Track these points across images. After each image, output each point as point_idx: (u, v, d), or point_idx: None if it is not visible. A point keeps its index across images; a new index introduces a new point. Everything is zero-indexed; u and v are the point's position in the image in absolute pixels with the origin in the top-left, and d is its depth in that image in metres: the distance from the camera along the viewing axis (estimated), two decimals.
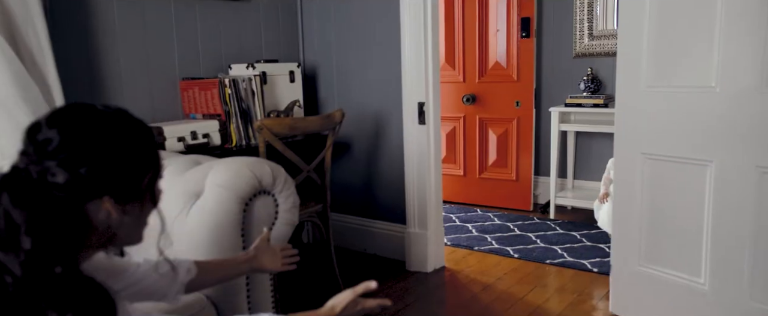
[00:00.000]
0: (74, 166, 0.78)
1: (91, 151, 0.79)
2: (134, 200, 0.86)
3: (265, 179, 1.63)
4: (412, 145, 2.81)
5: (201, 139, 2.38)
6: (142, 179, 0.86)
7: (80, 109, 0.83)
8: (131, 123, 0.87)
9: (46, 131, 0.78)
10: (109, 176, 0.81)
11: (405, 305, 2.50)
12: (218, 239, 1.54)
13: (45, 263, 0.73)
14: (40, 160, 0.77)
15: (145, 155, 0.87)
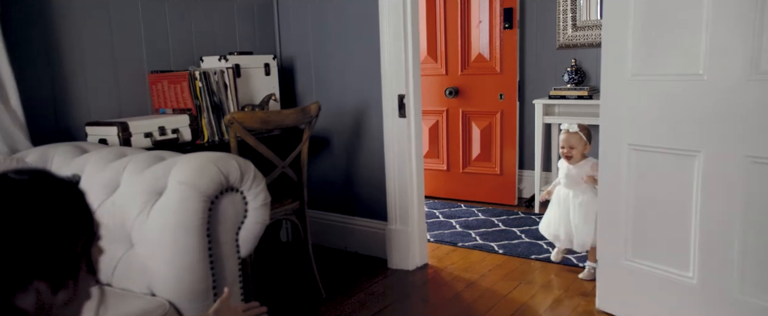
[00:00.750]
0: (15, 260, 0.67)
1: (8, 235, 0.68)
2: (69, 276, 0.73)
3: (233, 175, 1.53)
4: (393, 139, 2.72)
5: (170, 135, 2.27)
6: (74, 250, 0.74)
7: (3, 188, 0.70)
8: (51, 189, 0.73)
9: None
10: (34, 258, 0.69)
11: (386, 304, 2.42)
12: (182, 241, 1.44)
13: None
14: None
15: (72, 224, 0.74)
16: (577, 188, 2.58)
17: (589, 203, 2.55)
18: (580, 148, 2.57)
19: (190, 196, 1.44)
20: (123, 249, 1.54)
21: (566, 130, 2.60)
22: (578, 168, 2.57)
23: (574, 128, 2.57)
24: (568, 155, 2.56)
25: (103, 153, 1.77)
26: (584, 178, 2.53)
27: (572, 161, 2.57)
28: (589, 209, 2.53)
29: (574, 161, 2.57)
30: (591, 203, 2.53)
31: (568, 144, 2.57)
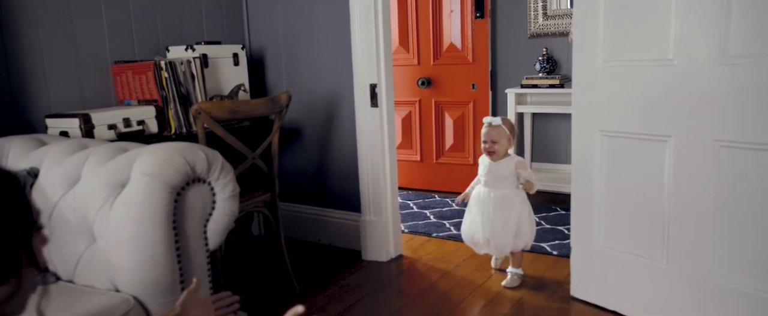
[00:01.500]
0: None
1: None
2: (9, 270, 0.69)
3: (199, 166, 1.47)
4: (365, 129, 2.68)
5: (135, 127, 2.19)
6: (12, 242, 0.69)
7: None
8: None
9: None
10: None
11: (361, 295, 2.39)
12: (147, 234, 1.38)
13: None
14: None
15: (7, 216, 0.69)
16: (497, 187, 2.37)
17: (509, 203, 2.35)
18: (503, 144, 2.34)
19: (155, 187, 1.39)
20: (85, 244, 1.47)
21: (489, 123, 2.36)
22: (500, 165, 2.36)
23: (497, 122, 2.34)
24: (491, 151, 2.34)
25: (63, 145, 1.69)
26: (522, 184, 2.35)
27: (495, 158, 2.36)
28: (510, 210, 2.34)
29: (496, 157, 2.36)
30: (512, 204, 2.35)
31: (490, 138, 2.34)
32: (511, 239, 2.36)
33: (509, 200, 2.36)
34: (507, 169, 2.36)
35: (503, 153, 2.36)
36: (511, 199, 2.36)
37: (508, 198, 2.36)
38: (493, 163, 2.37)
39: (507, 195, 2.36)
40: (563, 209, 3.42)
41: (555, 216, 3.33)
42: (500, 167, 2.36)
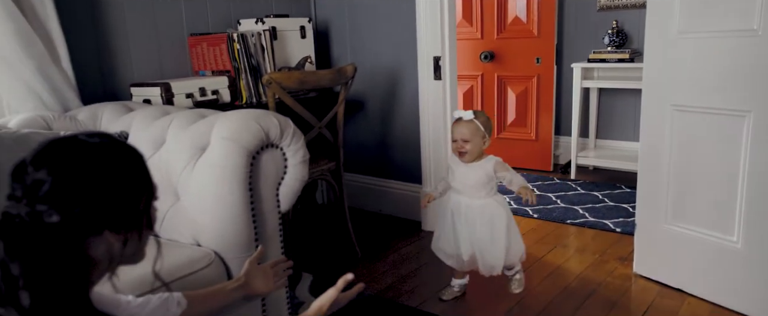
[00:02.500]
0: (69, 207, 0.73)
1: (84, 189, 0.74)
2: (132, 228, 0.81)
3: (273, 132, 1.55)
4: (428, 101, 2.71)
5: (210, 96, 2.31)
6: (138, 205, 0.82)
7: (66, 145, 0.77)
8: (118, 150, 0.81)
9: (33, 173, 0.73)
10: (105, 210, 0.77)
11: (420, 264, 2.45)
12: (226, 194, 1.48)
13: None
14: (32, 204, 0.72)
15: (137, 181, 0.82)
16: (476, 196, 1.98)
17: (496, 214, 1.97)
18: (477, 143, 1.95)
19: (233, 151, 1.48)
20: (170, 201, 1.59)
21: (458, 117, 1.98)
22: (475, 169, 1.97)
23: (468, 116, 1.94)
24: (462, 151, 1.96)
25: (148, 111, 1.82)
26: (518, 190, 1.92)
27: (467, 159, 1.97)
28: (498, 224, 1.97)
29: (469, 159, 1.96)
30: (499, 215, 1.97)
31: (461, 136, 1.95)
32: (502, 256, 1.99)
33: (496, 212, 1.98)
34: (484, 173, 1.96)
35: (476, 153, 1.97)
36: (497, 209, 1.98)
37: (494, 209, 1.98)
38: (467, 166, 1.98)
39: (491, 205, 1.98)
40: (628, 187, 3.34)
41: (619, 194, 3.26)
42: (475, 171, 1.97)
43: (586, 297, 2.11)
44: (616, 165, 3.58)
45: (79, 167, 0.75)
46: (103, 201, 0.76)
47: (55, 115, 1.82)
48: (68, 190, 0.73)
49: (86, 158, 0.76)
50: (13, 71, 1.85)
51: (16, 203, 0.72)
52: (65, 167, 0.74)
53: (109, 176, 0.77)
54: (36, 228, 0.71)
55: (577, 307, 2.04)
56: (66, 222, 0.72)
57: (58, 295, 0.70)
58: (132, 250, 0.83)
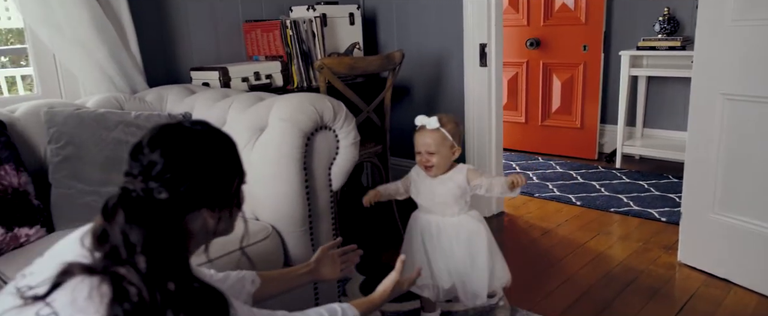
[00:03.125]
0: (176, 186, 0.84)
1: (189, 171, 0.85)
2: (225, 206, 0.93)
3: (327, 114, 1.64)
4: (473, 88, 2.75)
5: (264, 80, 2.42)
6: (231, 187, 0.93)
7: (176, 132, 0.88)
8: (218, 137, 0.92)
9: (148, 154, 0.84)
10: (204, 190, 0.88)
11: None
12: (282, 172, 1.58)
13: (159, 280, 0.79)
14: (146, 181, 0.83)
15: (231, 166, 0.93)
16: (447, 213, 1.70)
17: (474, 232, 1.70)
18: (444, 154, 1.66)
19: (290, 131, 1.57)
20: None
21: (421, 126, 1.68)
22: (444, 182, 1.69)
23: (433, 124, 1.65)
24: (428, 165, 1.68)
25: (209, 94, 1.94)
26: (507, 182, 1.61)
27: (434, 173, 1.68)
28: (477, 242, 1.70)
29: (436, 172, 1.68)
30: (477, 233, 1.70)
31: (425, 148, 1.67)
32: (486, 280, 1.70)
33: (474, 229, 1.70)
34: (456, 186, 1.68)
35: (445, 166, 1.69)
36: (474, 226, 1.71)
37: (471, 226, 1.70)
38: (434, 180, 1.70)
39: (467, 222, 1.70)
40: (675, 177, 3.30)
41: (666, 184, 3.23)
42: (444, 185, 1.68)
43: (627, 284, 2.13)
44: (664, 155, 3.53)
45: (186, 152, 0.86)
46: (203, 183, 0.87)
47: (125, 96, 1.96)
48: (176, 171, 0.84)
49: (192, 144, 0.87)
50: (88, 56, 1.99)
51: (133, 179, 0.84)
52: (175, 151, 0.85)
53: (210, 161, 0.88)
54: (148, 202, 0.82)
55: (618, 292, 2.07)
56: (172, 199, 0.83)
57: (166, 260, 0.80)
58: (224, 226, 0.94)
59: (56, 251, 0.88)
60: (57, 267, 0.79)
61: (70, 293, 0.77)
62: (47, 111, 1.69)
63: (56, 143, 1.63)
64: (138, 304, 0.76)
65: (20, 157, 1.56)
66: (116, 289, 0.76)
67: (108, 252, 0.79)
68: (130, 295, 0.76)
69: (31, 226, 1.49)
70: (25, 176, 1.54)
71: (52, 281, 0.78)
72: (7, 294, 0.83)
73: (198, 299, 0.82)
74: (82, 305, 0.76)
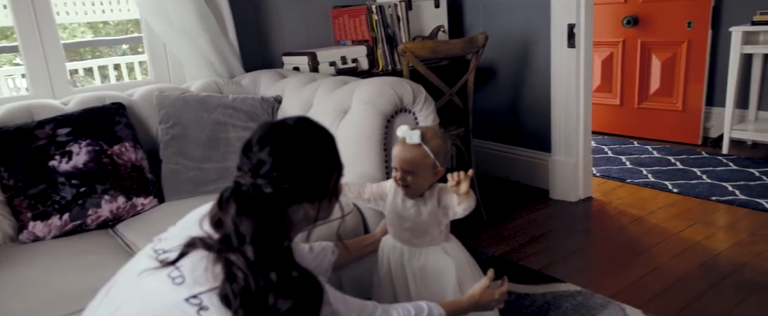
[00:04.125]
0: (280, 182, 0.94)
1: (293, 169, 0.94)
2: (324, 198, 1.01)
3: (406, 98, 1.69)
4: (560, 69, 2.67)
5: (350, 64, 2.52)
6: (330, 181, 1.01)
7: (281, 130, 0.97)
8: (318, 135, 1.00)
9: (257, 152, 0.94)
10: (306, 185, 0.97)
11: (545, 230, 2.48)
12: (363, 152, 1.66)
13: (264, 269, 0.88)
14: (255, 177, 0.93)
15: (331, 162, 1.01)
16: (418, 243, 1.42)
17: (442, 269, 1.41)
18: (425, 175, 1.36)
19: (371, 114, 1.65)
20: None
21: (402, 138, 1.36)
22: (422, 210, 1.39)
23: (415, 139, 1.33)
24: (405, 184, 1.35)
25: (298, 78, 2.06)
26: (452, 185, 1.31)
27: (410, 195, 1.38)
28: (445, 281, 1.41)
29: (412, 195, 1.38)
30: (444, 270, 1.41)
31: (402, 164, 1.34)
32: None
33: (443, 265, 1.42)
34: (427, 213, 1.39)
35: (423, 189, 1.38)
36: (443, 262, 1.42)
37: (440, 263, 1.42)
38: (410, 203, 1.39)
39: (434, 257, 1.42)
40: None
41: None
42: (421, 212, 1.39)
43: (725, 276, 2.01)
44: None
45: (291, 152, 0.95)
46: (305, 179, 0.96)
47: (224, 80, 2.13)
48: (281, 170, 0.93)
49: (296, 143, 0.96)
50: (192, 43, 2.18)
51: (244, 174, 0.94)
52: (280, 151, 0.94)
53: (311, 159, 0.97)
54: (256, 196, 0.92)
55: (713, 284, 1.96)
56: (276, 194, 0.93)
57: (270, 251, 0.90)
58: (323, 215, 1.03)
59: (185, 224, 1.01)
60: (184, 239, 0.92)
61: (192, 263, 0.89)
62: (158, 95, 1.89)
63: (166, 124, 1.83)
64: (244, 288, 0.86)
65: (137, 135, 1.77)
66: (228, 272, 0.87)
67: (222, 238, 0.90)
68: (238, 279, 0.86)
69: (146, 196, 1.68)
70: (141, 153, 1.74)
71: (179, 250, 0.91)
72: (145, 254, 0.97)
73: (296, 286, 0.90)
74: (200, 276, 0.88)
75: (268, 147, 0.94)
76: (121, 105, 1.78)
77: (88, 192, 1.56)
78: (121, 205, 1.61)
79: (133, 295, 0.92)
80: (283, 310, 0.87)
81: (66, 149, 1.57)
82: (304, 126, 1.00)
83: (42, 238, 1.50)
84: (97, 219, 1.57)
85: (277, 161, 0.94)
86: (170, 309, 0.87)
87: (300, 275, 0.92)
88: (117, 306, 0.91)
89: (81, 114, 1.67)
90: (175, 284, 0.88)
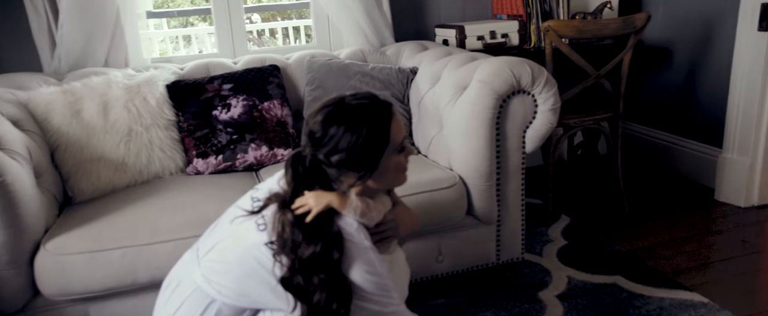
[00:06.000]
0: (331, 154, 1.06)
1: (338, 140, 1.05)
2: (372, 172, 1.09)
3: (524, 79, 1.69)
4: (745, 55, 2.32)
5: (499, 39, 2.51)
6: (376, 155, 1.08)
7: (337, 103, 1.07)
8: (369, 112, 1.07)
9: (314, 125, 1.06)
10: (354, 159, 1.06)
11: (697, 233, 2.24)
12: (473, 129, 1.71)
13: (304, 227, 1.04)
14: (312, 147, 1.07)
15: (377, 137, 1.07)
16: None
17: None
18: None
19: (485, 92, 1.68)
20: (436, 130, 1.92)
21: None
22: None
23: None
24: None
25: (436, 51, 2.15)
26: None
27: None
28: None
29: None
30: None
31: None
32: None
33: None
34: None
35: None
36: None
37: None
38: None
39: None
40: None
41: None
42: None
43: None
44: None
45: (338, 124, 1.05)
46: (353, 153, 1.06)
47: (370, 49, 2.32)
48: (328, 139, 1.06)
49: (345, 116, 1.06)
50: (349, 13, 2.39)
51: (305, 144, 1.09)
52: (330, 122, 1.06)
53: (356, 132, 1.05)
54: (311, 164, 1.08)
55: None
56: (327, 164, 1.07)
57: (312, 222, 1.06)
58: (371, 186, 1.12)
59: (276, 178, 1.20)
60: (268, 192, 1.13)
61: (271, 214, 1.09)
62: (309, 60, 2.14)
63: (311, 86, 2.08)
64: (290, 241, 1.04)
65: (286, 95, 2.05)
66: (281, 226, 1.05)
67: (283, 196, 1.08)
68: (285, 233, 1.05)
69: (285, 148, 1.97)
70: (287, 110, 2.03)
71: (263, 202, 1.12)
72: (247, 196, 1.20)
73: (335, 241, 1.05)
74: (270, 225, 1.07)
75: (321, 117, 1.06)
76: (276, 67, 2.07)
77: (239, 139, 1.89)
78: (264, 153, 1.92)
79: (228, 235, 1.14)
80: (323, 260, 1.04)
81: (227, 102, 1.91)
82: (359, 102, 1.08)
83: (202, 172, 1.88)
84: (244, 163, 1.90)
85: (325, 130, 1.05)
86: (253, 250, 1.08)
87: (337, 233, 1.06)
88: (217, 241, 1.16)
89: (242, 73, 1.99)
90: (259, 229, 1.09)
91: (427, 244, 1.77)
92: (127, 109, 1.78)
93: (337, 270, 1.06)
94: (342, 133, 1.05)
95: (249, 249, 1.09)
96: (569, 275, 2.00)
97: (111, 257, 1.42)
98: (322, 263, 1.04)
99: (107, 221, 1.52)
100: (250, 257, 1.08)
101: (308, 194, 1.08)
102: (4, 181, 1.31)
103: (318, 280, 1.04)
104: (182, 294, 1.14)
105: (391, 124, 1.10)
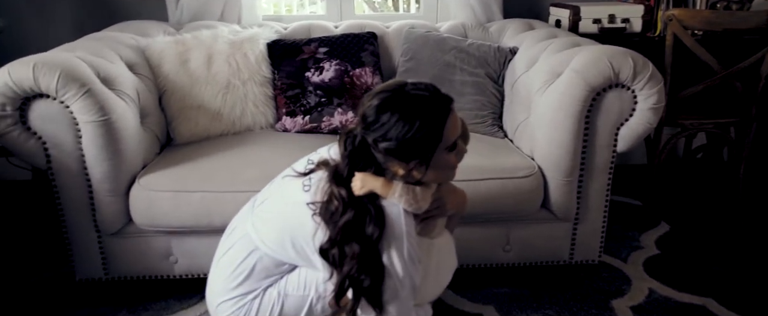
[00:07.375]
0: (381, 140, 1.05)
1: (389, 127, 1.04)
2: (420, 164, 1.07)
3: (624, 73, 1.55)
4: None
5: (619, 24, 2.30)
6: (426, 149, 1.06)
7: (393, 89, 1.06)
8: (424, 104, 1.05)
9: (368, 109, 1.06)
10: (401, 146, 1.04)
11: None
12: (559, 120, 1.61)
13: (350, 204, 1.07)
14: (363, 129, 1.07)
15: (429, 131, 1.05)
16: None
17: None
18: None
19: (577, 83, 1.56)
20: (524, 115, 1.83)
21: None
22: None
23: None
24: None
25: (539, 33, 2.03)
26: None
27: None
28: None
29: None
30: None
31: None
32: None
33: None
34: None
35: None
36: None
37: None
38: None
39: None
40: None
41: None
42: None
43: None
44: None
45: (391, 111, 1.05)
46: (402, 144, 1.05)
47: (472, 24, 2.24)
48: (380, 125, 1.05)
49: (399, 105, 1.05)
50: None
51: (357, 126, 1.10)
52: (383, 108, 1.05)
53: (407, 122, 1.04)
54: (361, 145, 1.09)
55: None
56: (376, 149, 1.07)
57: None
58: (419, 177, 1.11)
59: (328, 146, 1.24)
60: (319, 157, 1.18)
61: (319, 178, 1.13)
62: (407, 30, 2.13)
63: (405, 57, 2.08)
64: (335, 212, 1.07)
65: (379, 63, 2.07)
66: (328, 197, 1.09)
67: (334, 168, 1.11)
68: (332, 205, 1.08)
69: None
70: (378, 78, 2.04)
71: (312, 166, 1.16)
72: (304, 158, 1.24)
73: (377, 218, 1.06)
74: (319, 190, 1.11)
75: (377, 101, 1.06)
76: (373, 35, 2.08)
77: (327, 102, 1.95)
78: (349, 118, 1.96)
79: (277, 192, 1.22)
80: (366, 233, 1.06)
81: (320, 65, 1.97)
82: (418, 92, 1.06)
83: (289, 130, 1.97)
84: (329, 125, 1.96)
85: (378, 116, 1.05)
86: (296, 208, 1.14)
87: (376, 212, 1.07)
88: (268, 196, 1.24)
89: (339, 38, 2.03)
90: (304, 190, 1.14)
91: (495, 231, 1.73)
92: (228, 63, 1.90)
93: (374, 248, 1.07)
94: (394, 122, 1.04)
95: (291, 206, 1.15)
96: (652, 287, 1.84)
97: (191, 198, 1.56)
98: (358, 235, 1.07)
99: (195, 166, 1.66)
100: (291, 213, 1.15)
101: (358, 175, 1.10)
102: (109, 118, 1.48)
103: (351, 252, 1.07)
104: (234, 238, 1.24)
105: (446, 121, 1.07)
